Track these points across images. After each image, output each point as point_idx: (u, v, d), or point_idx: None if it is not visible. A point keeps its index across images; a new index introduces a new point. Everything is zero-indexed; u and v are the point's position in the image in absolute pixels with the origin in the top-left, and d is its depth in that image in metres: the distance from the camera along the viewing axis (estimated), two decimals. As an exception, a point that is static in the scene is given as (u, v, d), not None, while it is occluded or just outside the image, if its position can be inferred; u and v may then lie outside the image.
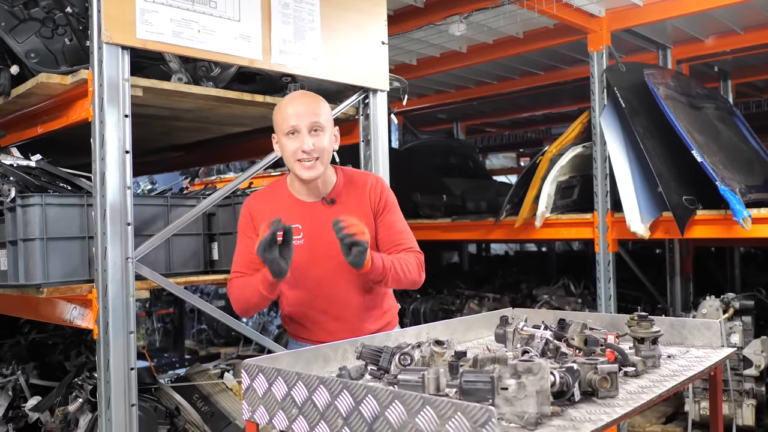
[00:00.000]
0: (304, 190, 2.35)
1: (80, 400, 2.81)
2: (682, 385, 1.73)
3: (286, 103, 2.31)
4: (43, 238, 2.38)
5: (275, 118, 2.31)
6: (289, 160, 2.27)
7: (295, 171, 2.28)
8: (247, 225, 2.33)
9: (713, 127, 4.45)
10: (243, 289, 2.26)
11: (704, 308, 4.11)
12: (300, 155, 2.23)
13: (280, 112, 2.29)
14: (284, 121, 2.26)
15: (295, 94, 2.39)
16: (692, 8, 4.09)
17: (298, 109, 2.26)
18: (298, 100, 2.31)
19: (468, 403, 1.22)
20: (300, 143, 2.23)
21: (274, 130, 2.33)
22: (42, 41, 2.51)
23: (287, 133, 2.25)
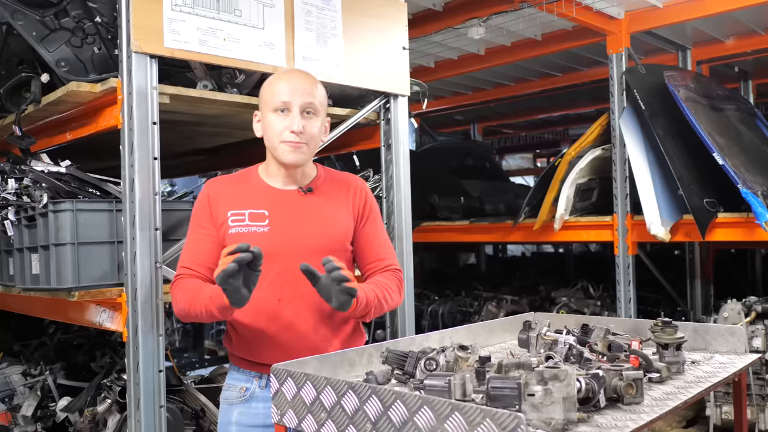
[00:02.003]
0: (281, 177, 2.08)
1: (109, 401, 2.86)
2: (708, 392, 1.73)
3: (280, 76, 2.08)
4: (74, 243, 2.43)
5: (263, 92, 2.07)
6: (273, 141, 2.01)
7: (278, 153, 2.02)
8: (203, 213, 2.04)
9: (734, 129, 4.43)
10: (189, 298, 1.93)
11: (725, 312, 4.09)
12: (287, 136, 1.99)
13: (270, 86, 2.05)
14: (275, 96, 2.01)
15: (289, 69, 2.17)
16: (712, 9, 4.08)
17: (293, 84, 2.02)
18: (294, 75, 2.10)
19: (497, 410, 1.24)
20: (290, 122, 1.99)
21: (259, 106, 2.10)
22: (72, 50, 2.57)
23: (276, 109, 2.00)
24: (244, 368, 2.09)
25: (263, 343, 2.03)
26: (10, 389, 3.54)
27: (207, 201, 2.05)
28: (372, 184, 3.43)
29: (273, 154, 2.05)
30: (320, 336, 2.06)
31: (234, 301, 1.79)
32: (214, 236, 2.03)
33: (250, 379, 2.08)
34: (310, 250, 2.00)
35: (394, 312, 3.23)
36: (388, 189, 3.27)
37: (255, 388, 2.07)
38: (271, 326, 2.02)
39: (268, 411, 2.01)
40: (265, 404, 2.04)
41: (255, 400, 2.06)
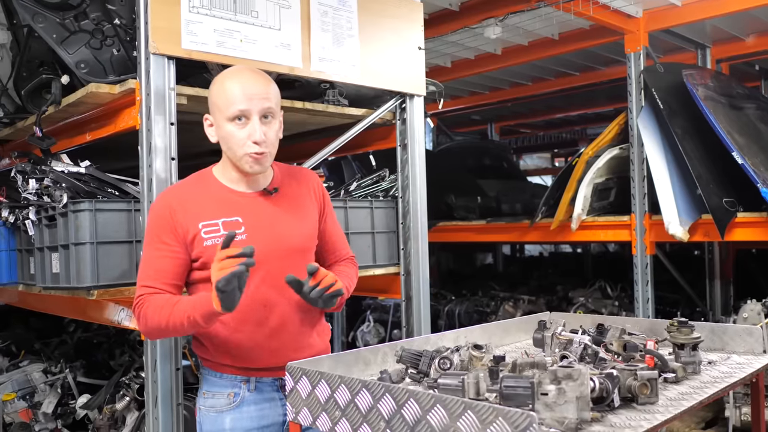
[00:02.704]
0: (243, 182, 2.03)
1: (127, 398, 2.90)
2: (724, 392, 1.72)
3: (233, 80, 1.94)
4: (93, 243, 2.46)
5: (216, 96, 1.96)
6: (235, 152, 1.93)
7: (241, 163, 1.95)
8: (163, 227, 1.92)
9: (754, 128, 4.38)
10: (165, 312, 1.84)
11: (745, 312, 4.05)
12: (250, 147, 1.91)
13: (224, 91, 1.92)
14: (231, 104, 1.90)
15: (239, 69, 2.01)
16: (732, 7, 4.03)
17: (248, 89, 1.91)
18: (247, 78, 1.95)
19: (509, 409, 1.25)
20: (250, 132, 1.90)
21: (210, 109, 1.99)
22: (91, 52, 2.61)
23: (233, 118, 1.91)
24: (228, 374, 2.04)
25: (252, 348, 2.00)
26: (31, 387, 3.60)
27: (168, 214, 1.94)
28: (388, 183, 3.44)
29: (235, 164, 1.98)
30: (304, 333, 2.08)
31: (227, 306, 1.74)
32: (178, 251, 1.93)
33: (237, 384, 2.04)
34: (289, 251, 2.01)
35: (410, 312, 3.24)
36: (404, 189, 3.27)
37: (244, 392, 2.04)
38: (259, 331, 2.00)
39: (261, 413, 2.04)
40: (257, 407, 2.04)
41: (246, 404, 2.03)
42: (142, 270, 1.95)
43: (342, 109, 3.07)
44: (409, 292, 3.24)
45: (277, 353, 2.00)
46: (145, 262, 1.96)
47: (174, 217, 1.94)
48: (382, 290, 3.48)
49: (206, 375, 2.09)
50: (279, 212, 2.03)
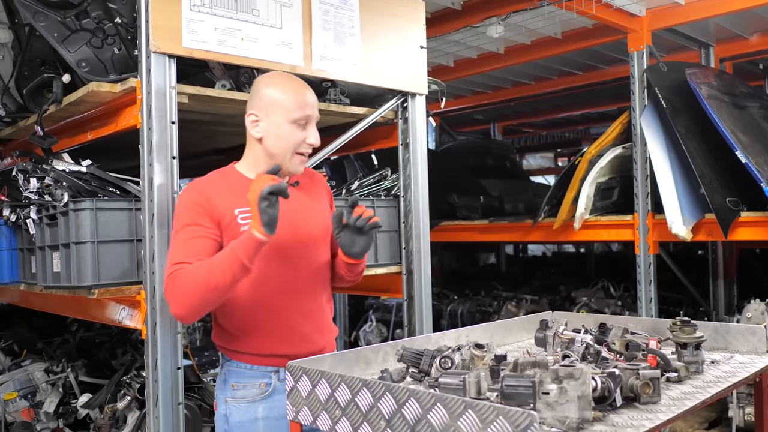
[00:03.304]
0: None
1: (128, 397, 2.90)
2: (727, 392, 1.71)
3: (299, 87, 2.09)
4: (94, 241, 2.46)
5: (282, 98, 2.06)
6: (287, 150, 2.06)
7: (290, 161, 2.08)
8: (202, 211, 1.99)
9: (758, 127, 4.36)
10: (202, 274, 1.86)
11: (749, 312, 4.03)
12: (304, 148, 2.08)
13: (291, 94, 2.06)
14: (299, 107, 2.05)
15: (292, 77, 2.14)
16: (735, 6, 4.01)
17: (310, 98, 2.09)
18: (306, 87, 2.11)
19: (510, 408, 1.24)
20: (306, 135, 2.07)
21: (264, 107, 2.07)
22: (92, 51, 2.60)
23: (296, 121, 2.04)
24: (258, 365, 2.10)
25: (284, 332, 2.08)
26: (33, 386, 3.60)
27: (205, 201, 2.01)
28: (390, 182, 3.43)
29: (278, 160, 2.07)
30: (326, 315, 2.19)
31: (269, 223, 1.81)
32: (215, 234, 2.00)
33: (267, 375, 2.11)
34: (311, 238, 2.14)
35: (412, 311, 3.23)
36: (405, 188, 3.27)
37: (275, 382, 2.10)
38: (289, 317, 2.09)
39: None
40: None
41: (277, 393, 2.09)
42: (174, 251, 1.98)
43: (343, 108, 3.07)
44: (411, 291, 3.23)
45: (307, 337, 2.11)
46: (177, 244, 1.99)
47: (211, 203, 2.01)
48: (384, 290, 3.48)
49: (234, 368, 2.12)
50: (300, 203, 2.13)
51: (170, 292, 1.93)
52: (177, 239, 2.00)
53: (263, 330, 2.07)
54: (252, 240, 1.84)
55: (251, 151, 2.14)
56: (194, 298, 1.89)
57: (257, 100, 2.10)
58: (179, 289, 1.89)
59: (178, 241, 1.99)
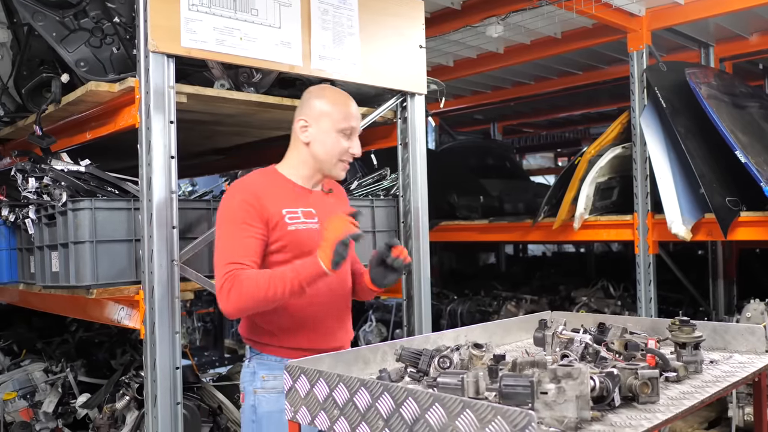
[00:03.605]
0: (310, 181, 2.26)
1: (127, 397, 2.90)
2: (725, 392, 1.71)
3: (341, 98, 2.25)
4: (93, 241, 2.46)
5: (330, 109, 2.20)
6: (332, 157, 2.20)
7: (334, 168, 2.23)
8: (249, 212, 2.08)
9: (758, 127, 4.36)
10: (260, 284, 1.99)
11: (748, 312, 4.03)
12: (347, 157, 2.23)
13: (340, 106, 2.21)
14: (345, 119, 2.20)
15: (339, 91, 2.31)
16: (735, 6, 4.01)
17: (355, 111, 2.25)
18: (351, 101, 2.27)
19: (508, 407, 1.24)
20: (350, 145, 2.22)
21: (314, 115, 2.19)
22: (91, 50, 2.60)
23: (342, 130, 2.19)
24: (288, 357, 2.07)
25: (313, 331, 2.19)
26: (32, 386, 3.60)
27: (255, 200, 2.10)
28: (389, 182, 3.43)
29: (323, 164, 2.22)
30: (349, 314, 2.33)
31: (337, 261, 1.98)
32: (263, 234, 2.10)
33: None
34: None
35: (411, 311, 3.23)
36: (404, 187, 3.26)
37: None
38: (320, 313, 2.21)
39: None
40: None
41: None
42: (228, 249, 2.06)
43: (343, 107, 3.06)
44: (411, 291, 3.23)
45: (333, 333, 2.24)
46: (230, 241, 2.07)
47: (261, 203, 2.10)
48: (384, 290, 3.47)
49: (264, 360, 2.19)
50: (335, 209, 2.24)
51: (227, 291, 2.01)
52: (230, 237, 2.08)
53: (296, 326, 2.18)
54: (318, 270, 2.00)
55: (296, 155, 2.25)
56: (250, 303, 2.02)
57: (307, 108, 2.22)
58: (238, 292, 2.00)
59: (231, 239, 2.07)
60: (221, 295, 2.01)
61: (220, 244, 2.09)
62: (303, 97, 2.28)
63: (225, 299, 2.01)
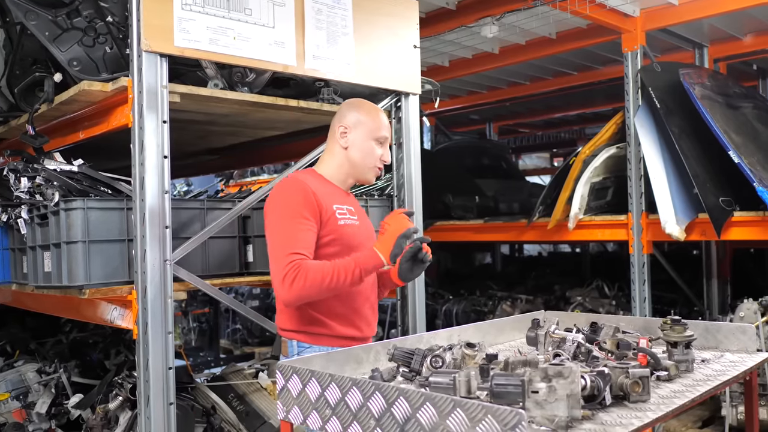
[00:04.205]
0: (345, 183, 2.43)
1: (120, 398, 2.89)
2: (716, 391, 1.71)
3: (380, 112, 2.44)
4: (86, 241, 2.46)
5: (364, 117, 2.38)
6: (366, 163, 2.38)
7: (367, 173, 2.41)
8: (307, 205, 2.21)
9: (751, 127, 4.37)
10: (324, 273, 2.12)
11: (742, 311, 4.03)
12: (379, 163, 2.41)
13: (376, 117, 2.40)
14: (379, 129, 2.39)
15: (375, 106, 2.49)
16: (729, 7, 4.02)
17: (387, 124, 2.43)
18: (383, 113, 2.45)
19: (498, 406, 1.24)
20: (383, 153, 2.41)
21: (353, 123, 2.36)
22: (84, 50, 2.59)
23: (376, 138, 2.38)
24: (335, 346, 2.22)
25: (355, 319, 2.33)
26: (25, 387, 3.59)
27: (312, 194, 2.23)
28: (383, 182, 3.43)
29: (357, 169, 2.39)
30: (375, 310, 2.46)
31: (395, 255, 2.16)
32: (317, 228, 2.24)
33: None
34: (373, 239, 2.41)
35: (406, 311, 3.23)
36: (399, 187, 3.26)
37: None
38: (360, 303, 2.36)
39: None
40: None
41: None
42: (288, 240, 2.17)
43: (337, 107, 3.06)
44: (405, 291, 3.23)
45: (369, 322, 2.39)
46: (290, 234, 2.18)
47: (316, 197, 2.24)
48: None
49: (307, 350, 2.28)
50: (361, 209, 2.47)
51: (291, 280, 2.10)
52: (289, 230, 2.19)
53: (347, 312, 2.31)
54: (377, 262, 2.17)
55: (333, 159, 2.40)
56: (312, 291, 2.13)
57: (346, 117, 2.39)
58: (303, 280, 2.10)
59: (291, 231, 2.19)
60: (284, 284, 2.11)
61: (278, 237, 2.19)
62: (341, 108, 2.46)
63: (288, 288, 2.10)
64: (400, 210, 2.30)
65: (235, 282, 3.04)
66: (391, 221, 2.23)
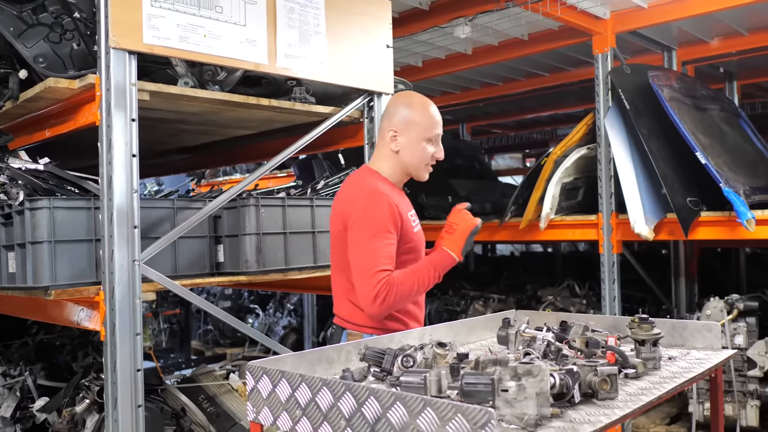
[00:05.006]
0: (401, 183, 2.45)
1: (87, 400, 2.84)
2: (682, 387, 1.74)
3: (430, 108, 2.37)
4: (51, 241, 2.41)
5: (416, 118, 2.34)
6: (420, 162, 2.36)
7: (421, 172, 2.40)
8: (392, 220, 2.26)
9: (718, 129, 4.45)
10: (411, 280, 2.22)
11: (708, 309, 4.11)
12: (432, 161, 2.39)
13: (427, 116, 2.35)
14: (432, 127, 2.35)
15: (428, 101, 2.42)
16: (697, 10, 4.08)
17: (439, 118, 2.39)
18: (435, 108, 2.40)
19: (468, 405, 1.24)
20: (435, 150, 2.37)
21: (403, 125, 2.33)
22: (50, 46, 2.55)
23: (428, 138, 2.34)
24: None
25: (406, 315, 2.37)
26: (-11, 390, 3.51)
27: (395, 207, 2.27)
28: (356, 182, 3.41)
29: (410, 170, 2.39)
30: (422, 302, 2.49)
31: (466, 251, 2.28)
32: (397, 239, 2.28)
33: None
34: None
35: (378, 310, 3.22)
36: (371, 187, 3.25)
37: None
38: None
39: None
40: None
41: None
42: (377, 256, 2.21)
43: (309, 106, 3.05)
44: (377, 291, 3.22)
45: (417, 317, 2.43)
46: (378, 249, 2.22)
47: (399, 210, 2.29)
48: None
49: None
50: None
51: (383, 296, 2.17)
52: (377, 245, 2.22)
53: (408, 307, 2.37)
54: (451, 261, 2.26)
55: (387, 161, 2.39)
56: (401, 303, 2.25)
57: (396, 118, 2.35)
58: (395, 295, 2.18)
59: (378, 247, 2.22)
60: (376, 302, 2.17)
61: (367, 253, 2.22)
62: (389, 106, 2.41)
63: (380, 304, 2.18)
64: (461, 206, 2.30)
65: (206, 282, 3.01)
66: (457, 220, 2.27)
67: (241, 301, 7.64)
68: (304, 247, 3.13)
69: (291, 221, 3.09)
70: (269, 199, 3.05)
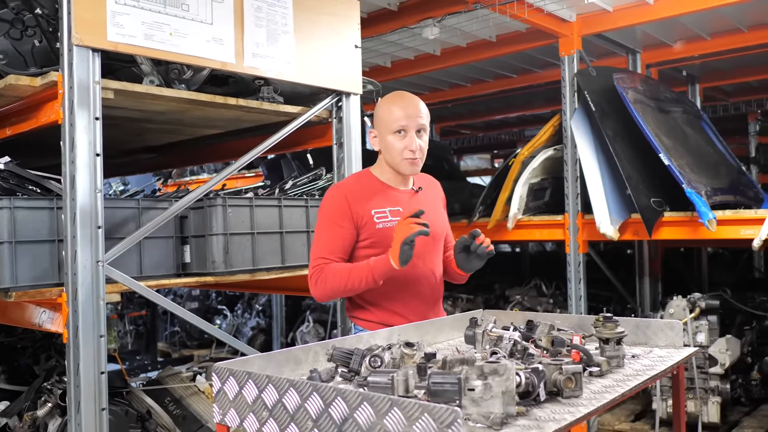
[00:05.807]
0: (399, 180, 2.48)
1: (49, 404, 2.79)
2: (645, 385, 1.77)
3: (395, 103, 2.42)
4: (12, 242, 2.36)
5: (382, 115, 2.41)
6: (395, 157, 2.40)
7: (400, 166, 2.41)
8: (342, 212, 2.35)
9: (681, 131, 4.54)
10: (343, 274, 2.30)
11: (671, 308, 4.19)
12: (407, 154, 2.39)
13: (389, 112, 2.40)
14: (395, 120, 2.37)
15: (400, 95, 2.48)
16: (661, 14, 4.16)
17: (408, 110, 2.39)
18: (407, 101, 2.43)
19: (434, 404, 1.25)
20: (408, 143, 2.38)
21: (375, 124, 2.43)
22: (11, 42, 2.49)
23: (394, 131, 2.37)
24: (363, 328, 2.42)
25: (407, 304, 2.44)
26: (-53, 395, 3.41)
27: (345, 202, 2.36)
28: (324, 182, 3.41)
29: (392, 166, 2.43)
30: (438, 299, 2.57)
31: (404, 260, 2.21)
32: (351, 233, 2.36)
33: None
34: (432, 236, 2.40)
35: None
36: (340, 187, 3.25)
37: None
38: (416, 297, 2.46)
39: None
40: None
41: None
42: (317, 246, 2.37)
43: (277, 106, 3.03)
44: (346, 291, 3.22)
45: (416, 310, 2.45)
46: (320, 240, 2.37)
47: (349, 204, 2.36)
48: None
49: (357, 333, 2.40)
50: (424, 206, 2.38)
51: (315, 281, 2.33)
52: (321, 236, 2.38)
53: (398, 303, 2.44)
54: (388, 267, 2.25)
55: (379, 161, 2.49)
56: (331, 293, 2.35)
57: (374, 118, 2.46)
58: (323, 282, 2.31)
59: (322, 238, 2.37)
60: (310, 284, 2.34)
61: (315, 240, 2.40)
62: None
63: (312, 287, 2.34)
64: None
65: (172, 283, 2.97)
66: (396, 228, 2.27)
67: (208, 303, 7.56)
68: (272, 248, 3.11)
69: (259, 221, 3.07)
70: (237, 199, 3.03)
